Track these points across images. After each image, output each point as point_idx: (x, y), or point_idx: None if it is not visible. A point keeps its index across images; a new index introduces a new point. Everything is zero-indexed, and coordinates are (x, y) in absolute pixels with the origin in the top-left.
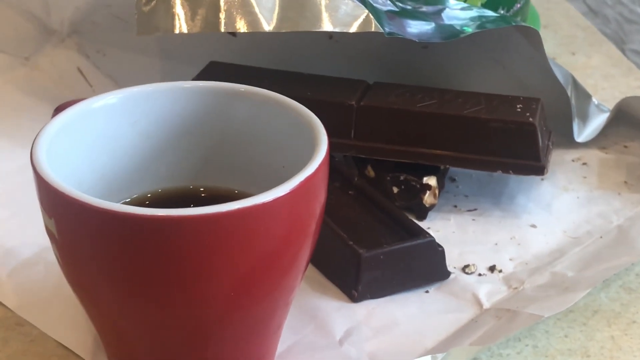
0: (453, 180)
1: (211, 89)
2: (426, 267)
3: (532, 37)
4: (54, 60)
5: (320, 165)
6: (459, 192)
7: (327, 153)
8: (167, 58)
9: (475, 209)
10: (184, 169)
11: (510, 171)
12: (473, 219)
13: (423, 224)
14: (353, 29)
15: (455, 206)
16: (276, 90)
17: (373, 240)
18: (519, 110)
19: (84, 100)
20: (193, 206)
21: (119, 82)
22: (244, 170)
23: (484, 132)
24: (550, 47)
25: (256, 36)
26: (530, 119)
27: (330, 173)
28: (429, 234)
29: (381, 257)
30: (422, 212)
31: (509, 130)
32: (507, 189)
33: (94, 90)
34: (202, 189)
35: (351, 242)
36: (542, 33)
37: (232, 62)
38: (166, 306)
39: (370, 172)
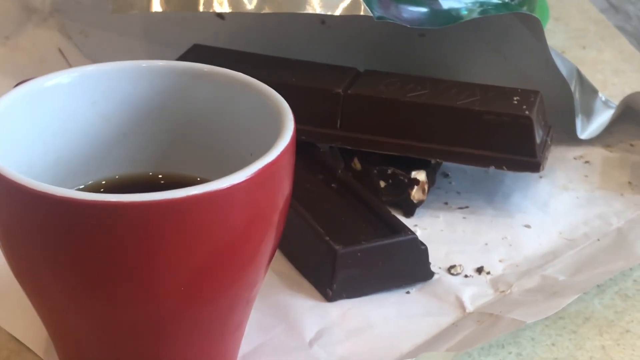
0: (446, 175)
1: (172, 69)
2: (408, 266)
3: (534, 27)
4: (35, 41)
5: (282, 153)
6: (451, 189)
7: (291, 140)
8: (152, 41)
9: (466, 207)
10: (145, 154)
11: (504, 167)
12: (464, 217)
13: (410, 221)
14: (339, 11)
15: (446, 203)
16: (260, 75)
17: (351, 236)
18: (515, 102)
19: (37, 78)
20: None
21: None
22: (209, 156)
23: (477, 125)
24: (560, 40)
25: (246, 20)
26: (527, 112)
27: (314, 165)
28: (411, 231)
29: (358, 254)
30: (410, 209)
31: (503, 124)
32: (502, 186)
33: None
34: (161, 176)
35: (327, 238)
36: (552, 26)
37: (219, 46)
38: (113, 301)
39: (357, 165)
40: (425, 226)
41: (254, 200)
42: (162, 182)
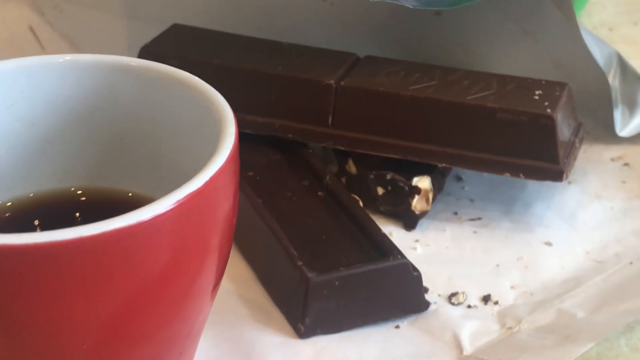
0: (459, 179)
1: (101, 64)
2: (397, 296)
3: (563, 5)
4: (4, 17)
5: (217, 174)
6: (463, 195)
7: (230, 156)
8: (134, 18)
9: (479, 218)
10: (72, 165)
11: (521, 174)
12: (474, 232)
13: (411, 235)
14: None
15: (456, 213)
16: (242, 62)
17: (331, 260)
18: (536, 98)
19: None
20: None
21: (77, 43)
22: (146, 168)
23: (490, 125)
24: (609, 15)
25: None
26: (549, 111)
27: (300, 168)
28: (401, 254)
29: (336, 283)
30: (411, 221)
31: (520, 124)
32: (523, 194)
33: (47, 52)
34: (83, 192)
35: (300, 263)
36: None
37: (207, 26)
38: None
39: (352, 168)
40: (428, 242)
41: (182, 230)
42: (83, 198)
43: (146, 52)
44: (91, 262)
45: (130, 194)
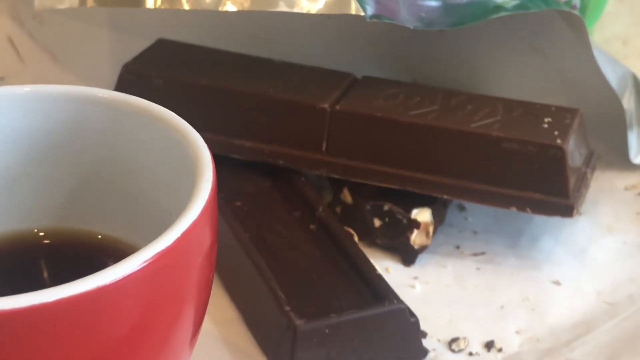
0: (462, 209)
1: (62, 95)
2: (393, 343)
3: (575, 24)
4: None
5: (191, 227)
6: (466, 227)
7: (204, 207)
8: (118, 30)
9: (482, 253)
10: (38, 205)
11: (528, 209)
12: (477, 268)
13: (410, 272)
14: (319, 5)
15: (458, 247)
16: (229, 82)
17: (321, 304)
18: (545, 126)
19: None
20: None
21: (58, 56)
22: (119, 209)
23: (496, 155)
24: (622, 26)
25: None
26: (558, 141)
27: (292, 198)
28: (397, 298)
29: (326, 330)
30: (409, 255)
31: (528, 154)
32: (530, 225)
33: (26, 65)
34: (44, 234)
35: (288, 308)
36: (615, 7)
37: (195, 39)
38: None
39: (347, 197)
40: (427, 279)
41: (152, 290)
42: (47, 242)
43: (128, 71)
44: (46, 330)
45: (99, 236)
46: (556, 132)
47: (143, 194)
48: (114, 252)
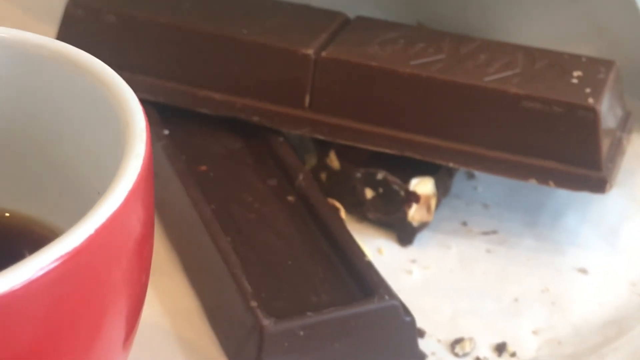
0: (470, 176)
1: None
2: (383, 347)
3: None
4: None
5: (111, 219)
6: (475, 199)
7: (131, 190)
8: None
9: (494, 232)
10: None
11: (551, 182)
12: (488, 250)
13: (406, 253)
14: None
15: (465, 223)
16: (198, 21)
17: (295, 299)
18: (574, 81)
19: None
20: None
21: None
22: (36, 182)
23: (513, 116)
24: None
25: None
26: (590, 100)
27: (267, 162)
28: (390, 292)
29: (300, 333)
30: (407, 234)
31: (553, 117)
32: (550, 200)
33: None
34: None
35: (255, 304)
36: None
37: None
38: None
39: (334, 162)
40: (427, 262)
41: (62, 295)
42: None
43: (75, 4)
44: None
45: (7, 214)
46: (588, 90)
47: (65, 166)
48: (25, 235)
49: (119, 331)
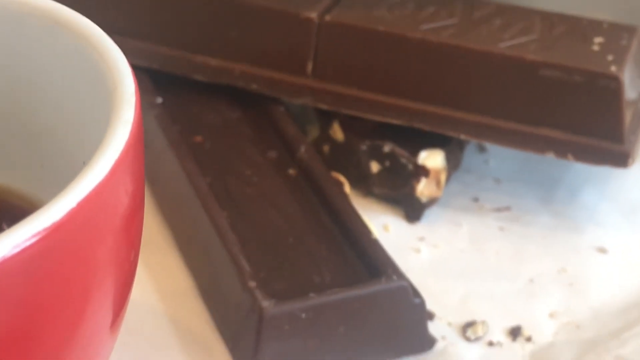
0: (482, 149)
1: None
2: (390, 331)
3: None
4: None
5: (94, 192)
6: (486, 173)
7: (117, 161)
8: None
9: (507, 208)
10: None
11: (570, 155)
12: (501, 228)
13: (414, 230)
14: None
15: (476, 199)
16: None
17: (297, 279)
18: (596, 48)
19: None
20: None
21: None
22: (16, 151)
23: (530, 85)
24: None
25: None
26: (613, 68)
27: (266, 133)
28: (398, 272)
29: (302, 315)
30: (415, 210)
31: (572, 86)
32: (567, 174)
33: None
34: None
35: (253, 284)
36: None
37: None
38: None
39: (338, 134)
40: (436, 241)
41: (39, 276)
42: None
43: None
44: None
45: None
46: (610, 57)
47: (47, 133)
48: (3, 208)
49: (105, 313)
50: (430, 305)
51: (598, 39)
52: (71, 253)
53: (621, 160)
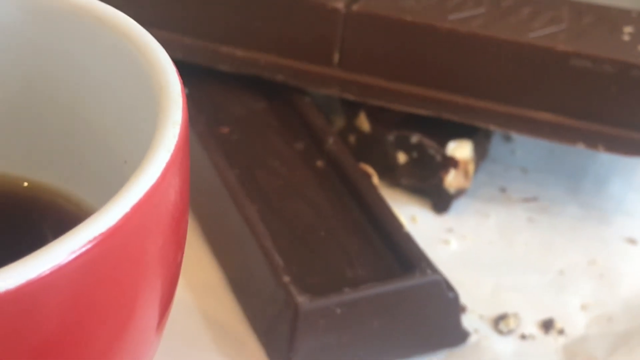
0: (507, 139)
1: None
2: (424, 325)
3: None
4: None
5: (144, 199)
6: (513, 163)
7: (167, 164)
8: None
9: (534, 199)
10: None
11: (600, 146)
12: (529, 218)
13: (442, 221)
14: None
15: (503, 190)
16: None
17: (330, 274)
18: (626, 38)
19: None
20: None
21: None
22: (54, 150)
23: (560, 75)
24: None
25: None
26: None
27: (293, 124)
28: (432, 266)
29: (337, 310)
30: (443, 201)
31: (602, 76)
32: (594, 164)
33: None
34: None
35: (287, 279)
36: None
37: None
38: None
39: (364, 124)
40: (465, 232)
41: (92, 281)
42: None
43: None
44: None
45: (25, 184)
46: None
47: (87, 132)
48: (44, 206)
49: (152, 314)
50: (461, 298)
51: (627, 29)
52: (124, 257)
53: None
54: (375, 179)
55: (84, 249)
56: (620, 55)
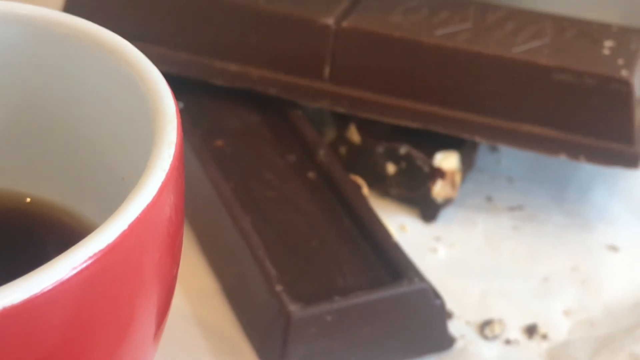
0: (493, 149)
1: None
2: (411, 332)
3: None
4: None
5: (142, 215)
6: (499, 172)
7: (163, 182)
8: None
9: (520, 207)
10: None
11: (582, 157)
12: (514, 226)
13: (430, 230)
14: None
15: (490, 199)
16: None
17: (322, 282)
18: (606, 52)
19: None
20: None
21: None
22: (56, 166)
23: (543, 89)
24: None
25: None
26: (623, 72)
27: (285, 137)
28: (419, 275)
29: (328, 318)
30: (431, 210)
31: (583, 89)
32: (578, 173)
33: None
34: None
35: (280, 287)
36: None
37: None
38: None
39: (354, 136)
40: (452, 240)
41: (92, 295)
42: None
43: None
44: None
45: (28, 200)
46: (620, 61)
47: (86, 149)
48: (46, 221)
49: (149, 325)
50: (448, 304)
51: (608, 43)
52: (122, 271)
53: (631, 161)
54: (365, 190)
55: (84, 265)
56: (600, 69)
